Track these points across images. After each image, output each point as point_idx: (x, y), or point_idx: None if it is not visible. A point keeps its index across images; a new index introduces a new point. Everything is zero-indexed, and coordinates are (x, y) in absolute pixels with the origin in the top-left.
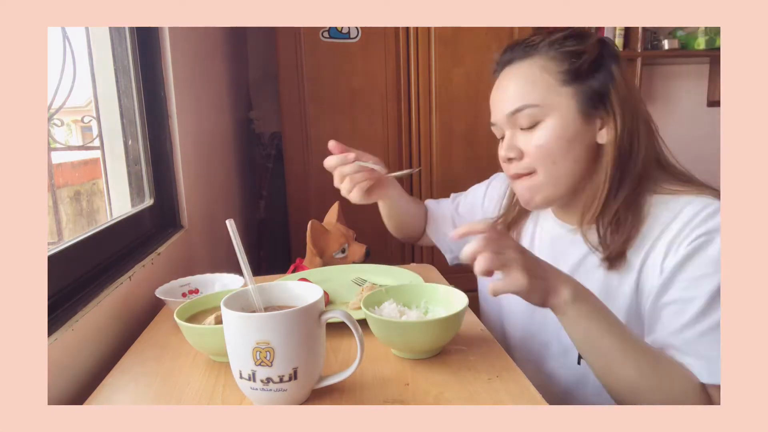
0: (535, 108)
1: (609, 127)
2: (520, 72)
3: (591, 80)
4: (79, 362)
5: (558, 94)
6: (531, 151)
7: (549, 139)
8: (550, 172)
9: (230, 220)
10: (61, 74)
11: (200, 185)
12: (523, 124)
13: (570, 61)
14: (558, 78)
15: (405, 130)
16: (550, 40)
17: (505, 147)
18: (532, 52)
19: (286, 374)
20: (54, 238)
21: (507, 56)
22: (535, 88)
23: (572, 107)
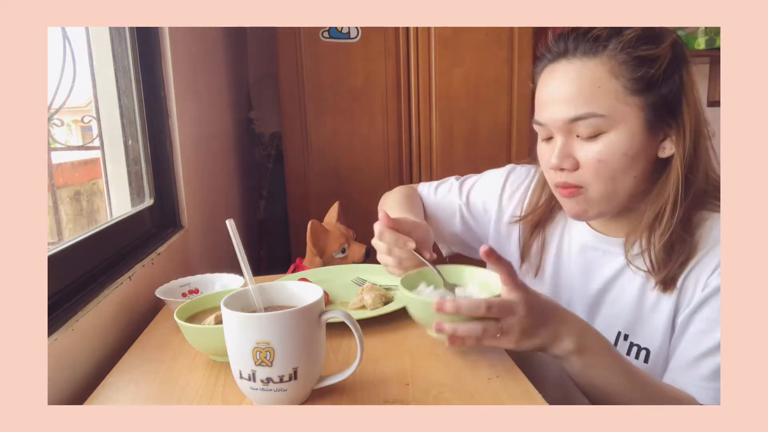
0: (601, 118)
1: (673, 140)
2: (585, 72)
3: (662, 89)
4: (79, 362)
5: (626, 103)
6: (590, 164)
7: (613, 154)
8: (607, 188)
9: (230, 220)
10: (61, 74)
11: (200, 185)
12: (582, 133)
13: (644, 68)
14: (628, 86)
15: (405, 130)
16: (622, 41)
17: (558, 155)
18: (599, 50)
19: (286, 374)
20: (54, 238)
21: (564, 46)
22: (601, 95)
23: (640, 119)
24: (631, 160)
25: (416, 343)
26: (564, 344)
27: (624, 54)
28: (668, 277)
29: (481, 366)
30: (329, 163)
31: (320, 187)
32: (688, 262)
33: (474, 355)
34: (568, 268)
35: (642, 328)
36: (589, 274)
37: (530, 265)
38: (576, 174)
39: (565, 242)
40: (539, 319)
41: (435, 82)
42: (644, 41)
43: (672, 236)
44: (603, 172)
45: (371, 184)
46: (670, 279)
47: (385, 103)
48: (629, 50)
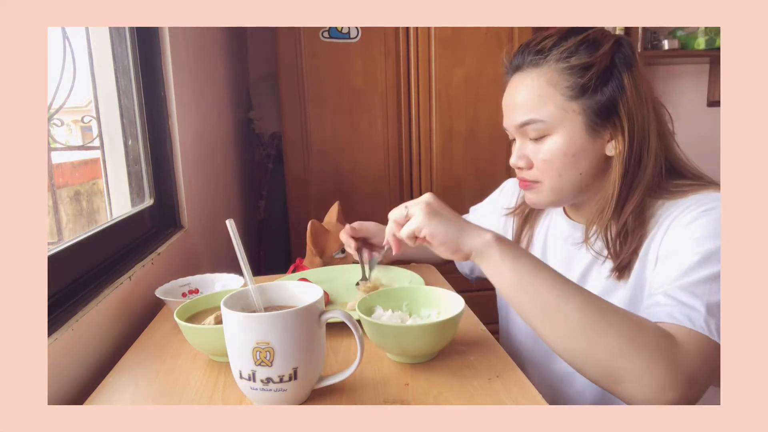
0: (542, 123)
1: (617, 140)
2: (528, 82)
3: (599, 94)
4: (79, 362)
5: (564, 109)
6: (538, 163)
7: (554, 154)
8: (555, 183)
9: (230, 220)
10: (61, 74)
11: (200, 185)
12: (531, 135)
13: (578, 76)
14: (565, 93)
15: (405, 130)
16: (560, 50)
17: (514, 156)
18: (541, 61)
19: (286, 374)
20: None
21: (517, 60)
22: (541, 103)
23: (579, 123)
24: (573, 158)
25: None
26: (484, 235)
27: (562, 62)
28: (621, 265)
29: (481, 366)
30: (329, 163)
31: (320, 187)
32: (639, 248)
33: (474, 355)
34: (553, 259)
35: None
36: (569, 262)
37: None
38: (531, 172)
39: (550, 234)
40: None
41: (435, 81)
42: (583, 50)
43: (624, 227)
44: (548, 170)
45: (371, 184)
46: (624, 266)
47: (385, 103)
48: (566, 57)
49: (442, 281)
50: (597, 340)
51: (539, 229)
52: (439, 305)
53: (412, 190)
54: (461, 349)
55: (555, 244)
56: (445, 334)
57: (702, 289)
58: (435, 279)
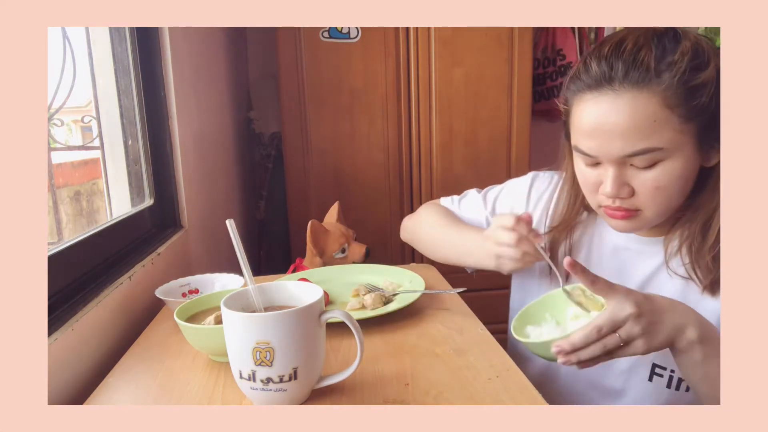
0: (659, 151)
1: (715, 149)
2: (638, 106)
3: (711, 110)
4: (79, 362)
5: (681, 132)
6: (647, 191)
7: (670, 180)
8: (662, 210)
9: (230, 220)
10: (61, 74)
11: (200, 185)
12: (639, 164)
13: (699, 96)
14: (683, 115)
15: (405, 130)
16: (675, 71)
17: (614, 185)
18: (651, 79)
19: (286, 374)
20: (54, 238)
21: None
22: (658, 129)
23: (694, 143)
24: (686, 181)
25: (416, 343)
26: (688, 334)
27: (678, 86)
28: (715, 280)
29: (480, 366)
30: (329, 163)
31: (320, 187)
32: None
33: (473, 355)
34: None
35: None
36: (623, 275)
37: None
38: (632, 200)
39: (595, 244)
40: (653, 315)
41: (435, 82)
42: (695, 68)
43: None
44: (660, 196)
45: (371, 184)
46: (716, 281)
47: (385, 103)
48: (683, 81)
49: (442, 281)
50: None
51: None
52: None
53: (412, 190)
54: (461, 349)
55: (602, 254)
56: None
57: None
58: (435, 279)
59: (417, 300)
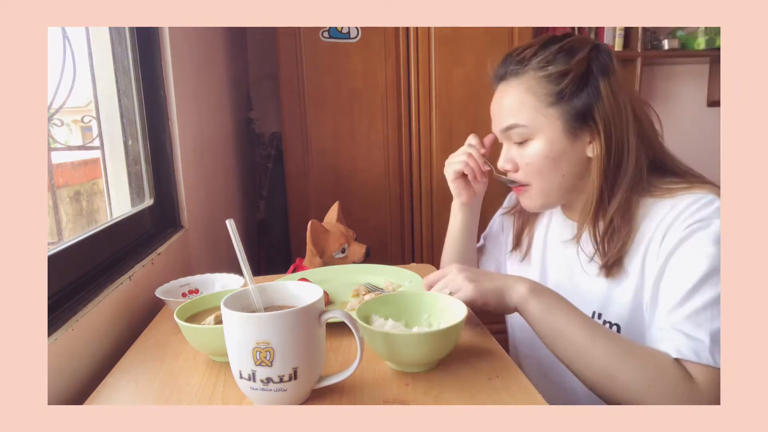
0: (523, 128)
1: (596, 142)
2: (511, 91)
3: (575, 100)
4: (79, 362)
5: (544, 115)
6: (522, 166)
7: (536, 157)
8: (541, 186)
9: (230, 220)
10: (61, 74)
11: (200, 185)
12: (514, 139)
13: (555, 83)
14: (543, 100)
15: (405, 130)
16: (539, 59)
17: (501, 159)
18: (521, 71)
19: (286, 374)
20: (54, 238)
21: (501, 71)
22: (522, 109)
23: (558, 127)
24: (554, 161)
25: None
26: (518, 287)
27: (541, 71)
28: (609, 263)
29: (481, 366)
30: (329, 163)
31: (320, 187)
32: (626, 246)
33: (474, 355)
34: (552, 256)
35: (609, 307)
36: (565, 259)
37: (519, 251)
38: (517, 175)
39: (550, 233)
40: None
41: (435, 82)
42: (560, 59)
43: (610, 225)
44: (531, 172)
45: (371, 183)
46: (611, 264)
47: (385, 103)
48: (543, 68)
49: None
50: (620, 382)
51: (539, 229)
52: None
53: (412, 190)
54: (461, 349)
55: (554, 244)
56: (446, 343)
57: (704, 317)
58: None
59: None
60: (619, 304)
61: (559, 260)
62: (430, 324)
